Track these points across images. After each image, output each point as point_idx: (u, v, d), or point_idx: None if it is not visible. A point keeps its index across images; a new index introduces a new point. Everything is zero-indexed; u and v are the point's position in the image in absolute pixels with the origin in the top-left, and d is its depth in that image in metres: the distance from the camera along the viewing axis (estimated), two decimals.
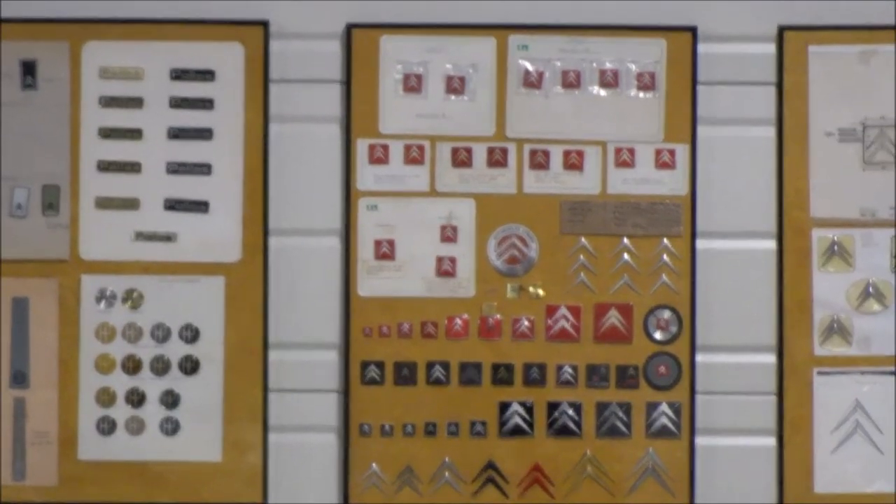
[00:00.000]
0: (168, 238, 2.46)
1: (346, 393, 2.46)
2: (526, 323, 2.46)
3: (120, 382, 2.47)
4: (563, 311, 2.46)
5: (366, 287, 2.46)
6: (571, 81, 2.45)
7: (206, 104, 2.46)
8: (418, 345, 2.46)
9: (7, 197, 2.44)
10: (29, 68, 2.44)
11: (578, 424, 2.44)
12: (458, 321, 2.46)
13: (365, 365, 2.46)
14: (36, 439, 2.45)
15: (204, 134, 2.45)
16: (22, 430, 2.45)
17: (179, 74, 2.45)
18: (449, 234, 2.46)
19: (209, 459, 2.44)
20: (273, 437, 2.46)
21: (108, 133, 2.45)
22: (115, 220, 2.46)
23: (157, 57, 2.45)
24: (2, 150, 2.45)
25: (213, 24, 2.43)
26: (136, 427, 2.45)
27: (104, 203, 2.45)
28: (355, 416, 2.45)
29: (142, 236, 2.46)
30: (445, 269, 2.45)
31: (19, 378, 2.44)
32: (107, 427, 2.46)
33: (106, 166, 2.45)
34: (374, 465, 2.44)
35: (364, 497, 2.44)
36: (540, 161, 2.46)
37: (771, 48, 2.47)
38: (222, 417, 2.45)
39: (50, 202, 2.44)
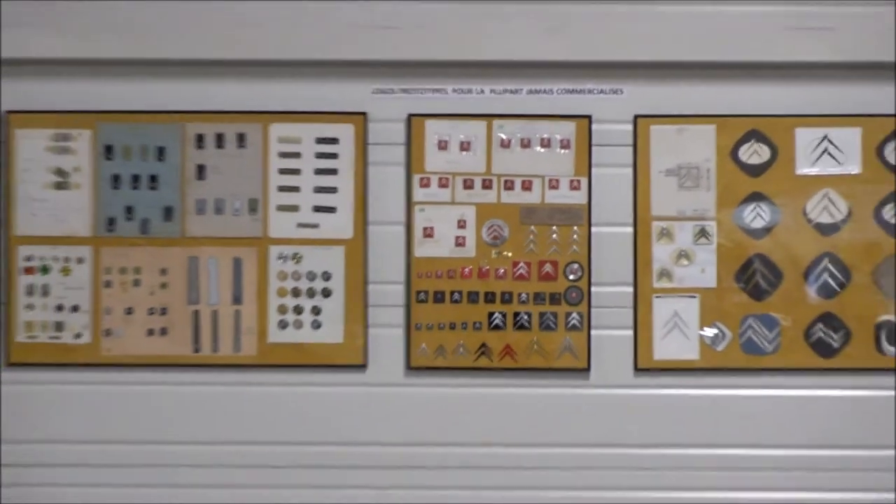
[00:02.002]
0: (315, 226, 3.32)
1: (408, 307, 3.31)
2: (502, 271, 3.28)
3: (289, 301, 3.34)
4: (522, 264, 3.28)
5: (419, 251, 3.28)
6: (526, 144, 3.29)
7: (334, 156, 3.34)
8: (446, 282, 3.28)
9: (231, 205, 3.34)
10: (241, 138, 3.35)
11: (530, 324, 3.30)
12: (467, 269, 3.28)
13: (418, 292, 3.28)
14: (245, 331, 3.34)
15: (333, 172, 3.33)
16: (238, 327, 3.35)
17: (320, 140, 3.33)
18: (462, 224, 3.27)
19: (336, 342, 3.33)
20: (371, 331, 3.36)
21: (282, 171, 3.36)
22: (287, 216, 3.32)
23: (308, 130, 3.34)
24: (225, 181, 3.32)
25: (338, 113, 3.33)
26: (298, 325, 3.34)
27: (281, 208, 3.35)
28: (413, 319, 3.30)
29: (301, 225, 3.32)
30: (460, 242, 3.28)
31: (237, 299, 3.35)
32: (282, 325, 3.32)
33: (281, 188, 3.36)
34: (423, 345, 3.32)
35: (418, 361, 3.31)
36: (509, 186, 3.27)
37: (630, 126, 3.31)
38: (343, 320, 3.32)
39: (252, 207, 3.33)
